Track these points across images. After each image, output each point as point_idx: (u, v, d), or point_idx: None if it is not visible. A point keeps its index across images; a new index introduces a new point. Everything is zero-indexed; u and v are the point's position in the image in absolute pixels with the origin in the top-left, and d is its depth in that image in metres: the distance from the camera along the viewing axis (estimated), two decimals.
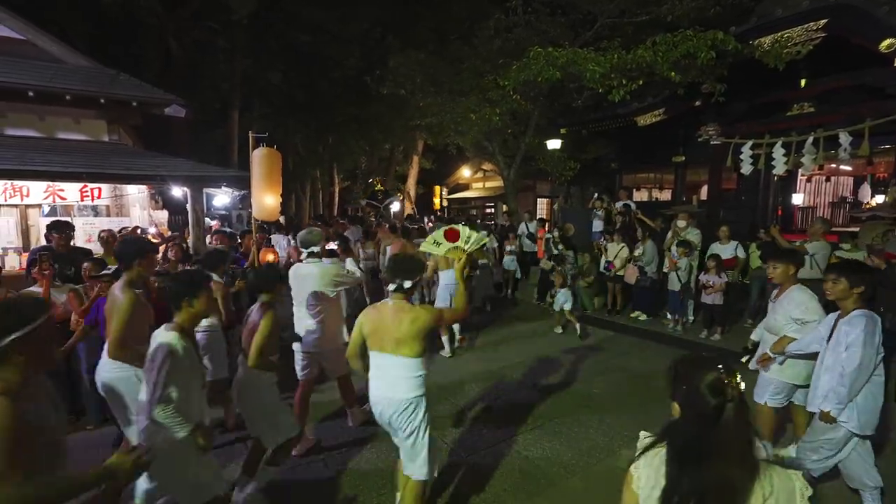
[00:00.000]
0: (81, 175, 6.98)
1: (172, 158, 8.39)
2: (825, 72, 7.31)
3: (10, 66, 7.36)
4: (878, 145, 7.02)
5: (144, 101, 8.45)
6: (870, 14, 6.16)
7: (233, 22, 12.54)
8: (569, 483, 3.31)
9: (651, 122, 9.43)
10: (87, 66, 8.45)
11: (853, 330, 2.66)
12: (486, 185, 23.12)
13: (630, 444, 3.80)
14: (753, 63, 7.25)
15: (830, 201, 11.73)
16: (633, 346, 6.40)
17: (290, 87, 16.38)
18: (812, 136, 6.61)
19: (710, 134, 8.47)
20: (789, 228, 9.04)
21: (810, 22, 6.74)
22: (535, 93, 9.83)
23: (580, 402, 4.57)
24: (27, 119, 7.83)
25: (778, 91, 7.93)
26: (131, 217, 8.58)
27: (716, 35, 6.96)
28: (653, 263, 7.19)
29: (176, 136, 11.86)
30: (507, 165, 11.42)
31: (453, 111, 10.04)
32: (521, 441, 3.86)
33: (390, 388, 2.53)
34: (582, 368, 5.52)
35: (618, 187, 11.02)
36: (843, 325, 2.74)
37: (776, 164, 7.03)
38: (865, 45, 6.32)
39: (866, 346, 2.61)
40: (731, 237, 6.63)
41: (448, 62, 10.74)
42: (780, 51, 6.90)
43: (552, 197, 16.03)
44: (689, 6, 8.32)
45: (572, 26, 9.83)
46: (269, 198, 5.32)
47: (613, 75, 7.69)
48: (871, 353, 2.63)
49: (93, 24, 12.23)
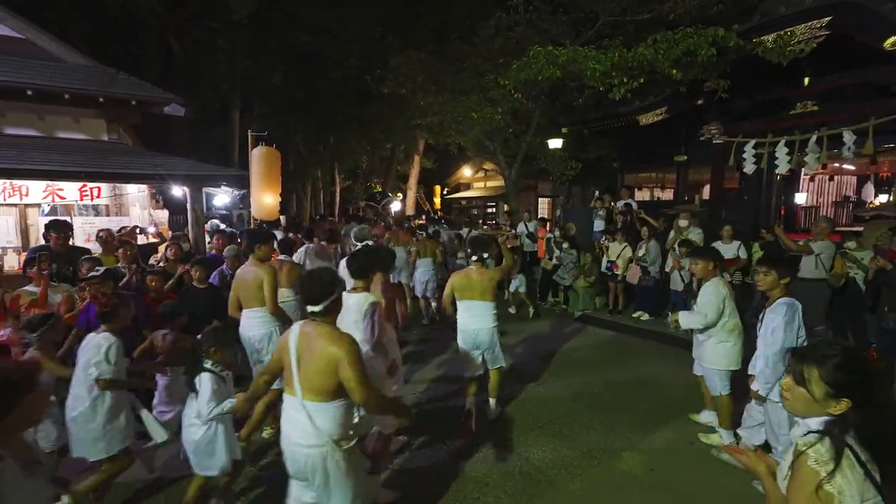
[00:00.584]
0: (80, 174, 6.97)
1: (171, 158, 8.37)
2: (829, 70, 7.24)
3: (9, 65, 7.34)
4: (882, 144, 6.96)
5: (143, 100, 8.43)
6: (874, 11, 6.09)
7: (233, 22, 12.50)
8: (570, 485, 3.27)
9: (653, 121, 9.36)
10: (87, 65, 8.44)
11: (776, 317, 2.99)
12: (487, 185, 23.07)
13: (632, 445, 3.78)
14: (756, 61, 7.19)
15: (834, 201, 11.64)
16: (635, 346, 6.35)
17: (290, 86, 16.34)
18: (815, 135, 6.55)
19: (713, 133, 8.40)
20: (792, 228, 8.96)
21: (814, 20, 6.67)
22: (536, 92, 9.79)
23: (581, 403, 4.53)
24: (26, 118, 7.81)
25: (781, 89, 7.87)
26: (131, 216, 8.55)
27: (717, 32, 6.90)
28: (656, 263, 7.15)
29: (175, 135, 11.84)
30: (509, 165, 11.38)
31: (454, 110, 10.01)
32: (522, 442, 3.82)
33: (481, 321, 3.97)
34: (583, 369, 5.48)
35: (619, 187, 10.95)
36: (769, 313, 3.07)
37: (779, 163, 6.96)
38: (870, 43, 6.25)
39: (787, 331, 2.94)
40: (733, 237, 6.58)
41: (449, 61, 10.70)
42: (784, 48, 6.84)
43: (553, 196, 15.98)
44: (691, 4, 8.26)
45: (574, 25, 9.79)
46: (268, 197, 5.30)
47: (614, 73, 7.64)
48: (792, 337, 2.96)
49: (93, 24, 12.21)
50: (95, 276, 3.66)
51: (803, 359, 1.41)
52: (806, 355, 1.41)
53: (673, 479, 3.34)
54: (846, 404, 1.33)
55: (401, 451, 3.68)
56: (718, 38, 6.91)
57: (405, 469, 3.47)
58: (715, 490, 3.17)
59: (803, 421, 1.43)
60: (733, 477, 3.18)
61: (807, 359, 1.40)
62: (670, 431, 3.96)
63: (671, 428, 4.01)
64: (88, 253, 5.00)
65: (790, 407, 1.47)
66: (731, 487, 3.15)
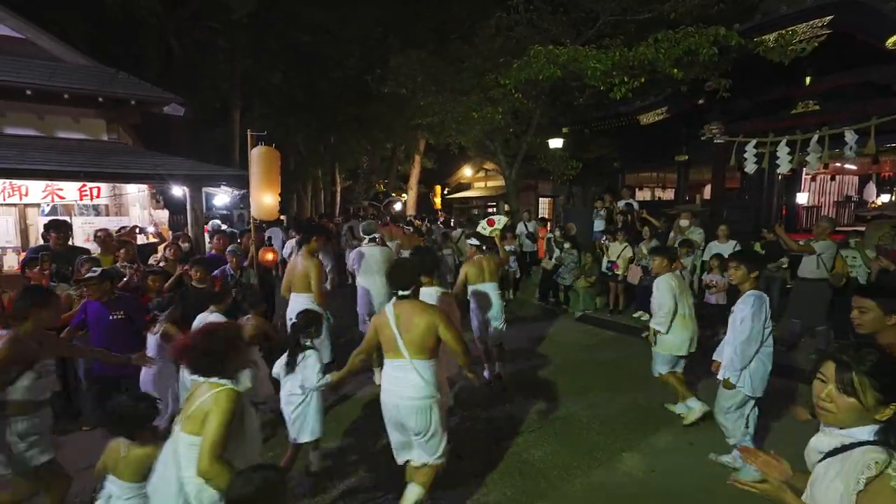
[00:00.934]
0: (79, 174, 6.96)
1: (171, 157, 8.36)
2: (830, 69, 7.22)
3: (9, 65, 7.33)
4: (884, 143, 6.92)
5: (143, 100, 8.41)
6: (876, 10, 6.06)
7: (233, 22, 12.50)
8: (570, 486, 3.25)
9: (654, 121, 9.33)
10: (86, 65, 8.43)
11: (745, 308, 3.16)
12: (487, 185, 23.03)
13: (632, 446, 3.76)
14: (757, 60, 7.16)
15: (835, 200, 11.63)
16: (635, 346, 6.32)
17: (290, 86, 16.34)
18: (817, 135, 6.53)
19: (714, 132, 8.38)
20: (794, 228, 8.94)
21: (815, 19, 6.64)
22: (536, 91, 9.77)
23: (581, 403, 4.51)
24: (26, 118, 7.81)
25: (782, 89, 7.84)
26: (131, 216, 8.54)
27: (718, 31, 6.87)
28: None
29: (175, 135, 11.84)
30: (509, 165, 11.35)
31: (454, 110, 9.98)
32: (521, 443, 3.80)
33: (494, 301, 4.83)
34: (583, 369, 5.46)
35: (620, 186, 10.93)
36: (738, 304, 3.25)
37: (780, 162, 6.95)
38: (871, 42, 6.23)
39: (754, 321, 3.10)
40: (730, 236, 6.54)
41: (449, 61, 10.68)
42: (785, 47, 6.81)
43: (554, 196, 15.94)
44: (692, 3, 8.23)
45: (574, 24, 9.76)
46: (267, 196, 5.27)
47: (615, 73, 7.62)
48: (759, 327, 3.12)
49: (93, 24, 12.20)
50: (93, 276, 3.64)
51: (849, 367, 1.29)
52: (851, 363, 1.30)
53: (674, 479, 3.32)
54: (893, 409, 1.27)
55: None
56: (719, 37, 6.88)
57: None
58: (716, 490, 3.15)
59: (845, 432, 1.33)
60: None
61: (854, 366, 1.29)
62: (671, 432, 3.94)
63: (672, 428, 3.99)
64: (87, 253, 4.99)
65: (833, 420, 1.34)
66: (732, 488, 3.12)
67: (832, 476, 1.30)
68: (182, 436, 1.89)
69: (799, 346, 5.64)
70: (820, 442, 1.41)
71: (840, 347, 1.40)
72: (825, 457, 1.37)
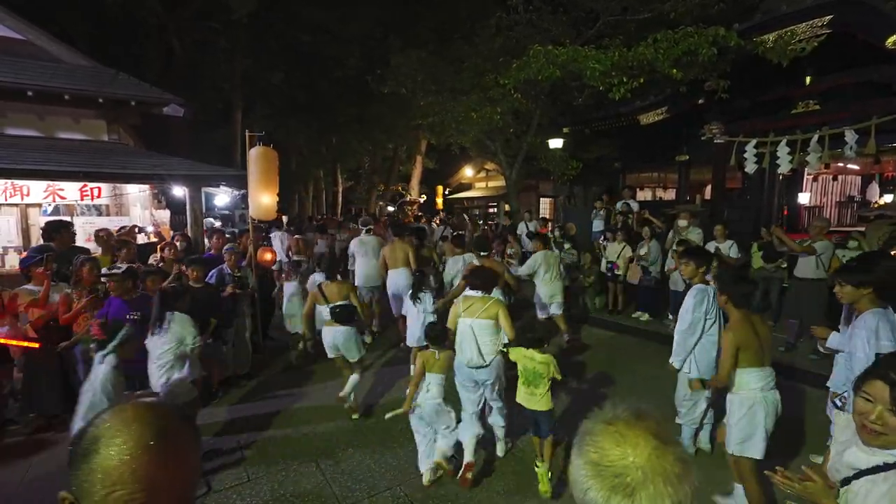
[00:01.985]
0: (80, 174, 6.98)
1: (170, 158, 8.38)
2: (830, 69, 7.19)
3: (9, 66, 7.36)
4: (885, 143, 6.88)
5: (143, 101, 8.44)
6: (876, 10, 6.05)
7: (233, 22, 12.52)
8: (563, 486, 3.24)
9: (654, 121, 9.32)
10: (86, 66, 8.46)
11: (689, 300, 3.40)
12: (488, 185, 23.02)
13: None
14: (757, 60, 7.14)
15: (837, 201, 11.56)
16: (635, 346, 6.32)
17: (291, 87, 16.37)
18: (817, 134, 6.51)
19: (714, 132, 8.36)
20: (795, 228, 8.90)
21: (815, 18, 6.62)
22: (536, 91, 9.76)
23: (580, 403, 4.51)
24: (27, 119, 7.84)
25: (782, 88, 7.81)
26: (131, 216, 8.58)
27: (717, 31, 6.86)
28: (656, 263, 7.10)
29: (176, 135, 11.85)
30: (510, 165, 11.34)
31: (454, 110, 9.98)
32: (519, 443, 3.80)
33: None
34: (582, 369, 5.45)
35: (621, 187, 10.91)
36: (686, 296, 3.46)
37: (781, 162, 6.92)
38: (871, 42, 6.21)
39: (694, 312, 3.35)
40: (727, 235, 6.52)
41: (449, 61, 10.68)
42: (785, 47, 6.79)
43: (555, 196, 15.92)
44: (692, 3, 8.23)
45: (574, 24, 9.75)
46: (265, 196, 5.29)
47: (615, 73, 7.62)
48: (699, 317, 3.35)
49: (93, 24, 12.22)
50: (116, 272, 3.68)
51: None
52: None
53: None
54: None
55: (396, 450, 3.67)
56: (719, 37, 6.87)
57: (404, 468, 3.46)
58: (716, 491, 3.15)
59: (890, 451, 1.28)
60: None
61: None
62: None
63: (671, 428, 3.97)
64: (87, 252, 5.01)
65: (883, 441, 1.27)
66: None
67: (880, 494, 1.24)
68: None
69: (798, 346, 5.63)
70: (857, 459, 1.35)
71: (887, 363, 1.34)
72: (862, 473, 1.32)
